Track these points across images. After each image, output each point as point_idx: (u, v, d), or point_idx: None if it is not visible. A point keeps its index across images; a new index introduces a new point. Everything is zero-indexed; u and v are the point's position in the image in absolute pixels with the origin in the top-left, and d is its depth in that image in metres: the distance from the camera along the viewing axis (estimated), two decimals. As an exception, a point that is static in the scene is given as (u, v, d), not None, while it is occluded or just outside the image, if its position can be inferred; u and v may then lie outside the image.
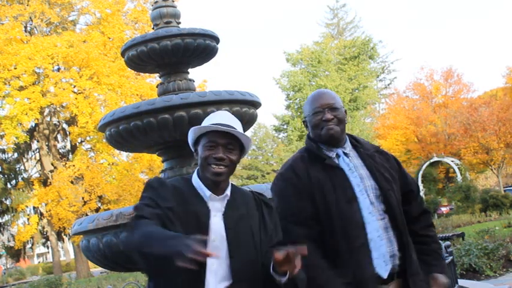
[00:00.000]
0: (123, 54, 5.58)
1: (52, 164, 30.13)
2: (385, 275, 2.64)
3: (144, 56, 5.35)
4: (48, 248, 40.96)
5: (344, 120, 2.80)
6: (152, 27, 5.69)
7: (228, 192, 2.50)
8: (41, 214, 30.66)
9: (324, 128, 2.75)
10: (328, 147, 2.79)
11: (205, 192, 2.47)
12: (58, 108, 29.91)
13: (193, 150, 2.57)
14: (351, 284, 2.60)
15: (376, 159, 2.82)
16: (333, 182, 2.69)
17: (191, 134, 2.54)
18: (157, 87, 5.61)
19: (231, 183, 2.60)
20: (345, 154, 2.79)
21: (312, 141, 2.84)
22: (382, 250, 2.65)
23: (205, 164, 2.46)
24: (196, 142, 2.53)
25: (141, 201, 2.44)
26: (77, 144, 30.53)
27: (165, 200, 2.40)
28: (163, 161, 5.47)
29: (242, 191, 2.64)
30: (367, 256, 2.63)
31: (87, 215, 24.50)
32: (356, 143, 2.87)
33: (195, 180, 2.52)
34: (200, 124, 2.55)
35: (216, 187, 2.47)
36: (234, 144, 2.48)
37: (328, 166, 2.73)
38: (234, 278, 2.37)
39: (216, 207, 2.47)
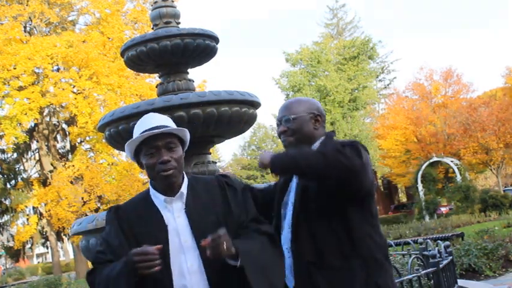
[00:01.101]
0: (122, 54, 5.57)
1: (51, 164, 30.13)
2: (290, 286, 2.71)
3: (143, 56, 5.34)
4: (47, 248, 40.95)
5: (300, 130, 2.84)
6: (152, 27, 5.68)
7: (183, 189, 2.48)
8: (41, 214, 30.64)
9: (282, 140, 2.90)
10: None
11: (160, 198, 2.47)
12: (57, 108, 29.90)
13: (138, 164, 2.55)
14: None
15: None
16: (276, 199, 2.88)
17: (128, 149, 2.51)
18: (156, 87, 5.61)
19: (192, 176, 2.58)
20: None
21: None
22: (288, 262, 2.70)
23: (154, 173, 2.44)
24: (136, 154, 2.50)
25: (97, 249, 2.52)
26: (77, 144, 30.51)
27: (114, 236, 2.44)
28: (162, 161, 5.46)
29: (204, 179, 2.61)
30: None
31: (86, 215, 24.49)
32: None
33: (151, 191, 2.52)
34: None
35: (172, 188, 2.46)
36: (173, 141, 2.46)
37: (285, 185, 2.91)
38: (207, 275, 2.36)
39: (177, 208, 2.46)
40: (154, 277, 2.32)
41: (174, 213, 2.45)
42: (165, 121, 2.50)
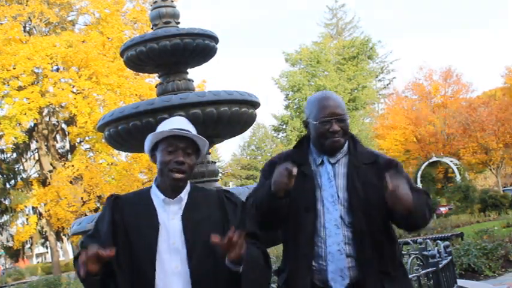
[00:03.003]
0: (122, 54, 5.57)
1: (51, 164, 30.12)
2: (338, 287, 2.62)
3: (143, 56, 5.34)
4: (47, 248, 40.90)
5: (348, 131, 2.76)
6: (151, 27, 5.68)
7: (183, 195, 2.55)
8: (40, 214, 30.63)
9: (328, 139, 2.69)
10: (318, 153, 2.77)
11: (159, 197, 2.54)
12: (57, 108, 29.89)
13: (150, 156, 2.62)
14: None
15: (360, 171, 2.71)
16: (300, 188, 2.65)
17: (149, 140, 2.58)
18: (156, 87, 5.61)
19: (194, 185, 2.64)
20: (331, 162, 2.74)
21: (300, 142, 2.87)
22: (340, 264, 2.60)
23: (166, 169, 2.52)
24: (154, 148, 2.58)
25: (89, 232, 2.59)
26: (76, 144, 30.51)
27: (104, 222, 2.51)
28: (162, 161, 5.46)
29: (206, 191, 2.68)
30: (306, 267, 2.62)
31: (86, 215, 24.49)
32: (353, 150, 2.78)
33: (153, 188, 2.59)
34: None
35: (174, 192, 2.53)
36: (191, 148, 2.55)
37: (302, 172, 2.69)
38: (192, 279, 2.43)
39: (173, 211, 2.53)
40: (138, 274, 2.41)
41: (169, 215, 2.51)
42: (191, 128, 2.59)
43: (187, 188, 2.59)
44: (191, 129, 2.58)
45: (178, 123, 2.58)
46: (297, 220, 2.66)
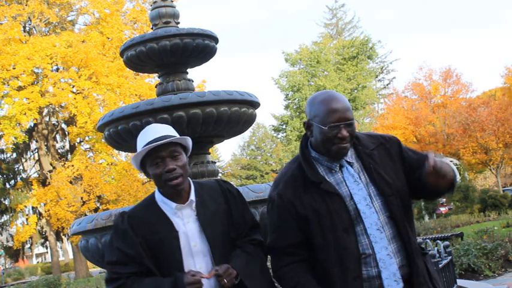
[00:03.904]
0: (122, 54, 5.57)
1: (51, 164, 30.12)
2: None
3: (142, 56, 5.34)
4: (47, 248, 40.93)
5: (354, 135, 2.59)
6: (151, 27, 5.68)
7: (192, 196, 2.56)
8: (40, 214, 30.64)
9: (336, 144, 2.50)
10: (330, 159, 2.58)
11: (170, 205, 2.54)
12: (57, 108, 29.89)
13: (144, 173, 2.63)
14: None
15: (375, 158, 2.60)
16: (329, 207, 2.50)
17: (134, 162, 2.61)
18: (156, 87, 5.60)
19: (196, 182, 2.65)
20: (348, 163, 2.59)
21: (305, 156, 2.61)
22: (393, 269, 2.49)
23: (161, 181, 2.52)
24: (143, 165, 2.58)
25: (112, 259, 2.52)
26: (76, 144, 30.51)
27: (131, 247, 2.48)
28: (162, 161, 5.46)
29: (207, 185, 2.69)
30: None
31: (86, 215, 24.50)
32: (356, 141, 2.63)
33: (158, 197, 2.59)
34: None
35: (180, 195, 2.54)
36: (177, 150, 2.53)
37: (325, 191, 2.52)
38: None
39: (187, 214, 2.54)
40: None
41: (183, 219, 2.53)
42: (167, 131, 2.56)
43: (192, 187, 2.59)
44: (167, 132, 2.54)
45: (153, 133, 2.54)
46: (338, 243, 2.49)
